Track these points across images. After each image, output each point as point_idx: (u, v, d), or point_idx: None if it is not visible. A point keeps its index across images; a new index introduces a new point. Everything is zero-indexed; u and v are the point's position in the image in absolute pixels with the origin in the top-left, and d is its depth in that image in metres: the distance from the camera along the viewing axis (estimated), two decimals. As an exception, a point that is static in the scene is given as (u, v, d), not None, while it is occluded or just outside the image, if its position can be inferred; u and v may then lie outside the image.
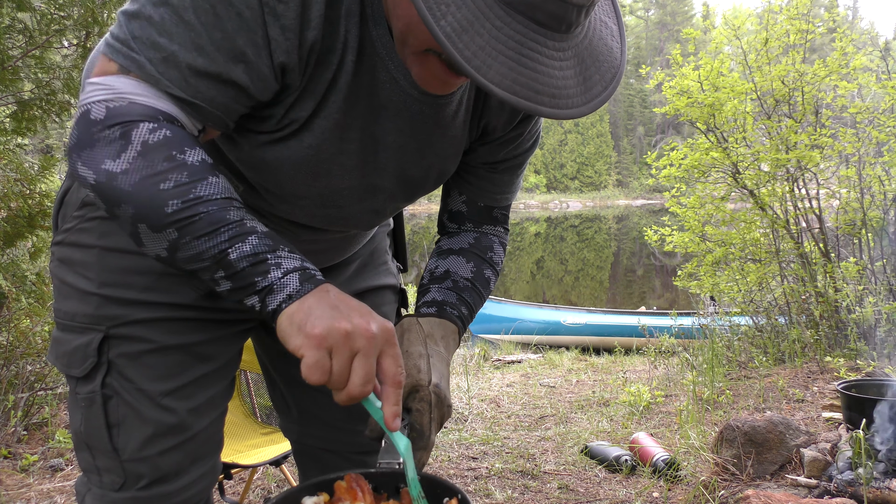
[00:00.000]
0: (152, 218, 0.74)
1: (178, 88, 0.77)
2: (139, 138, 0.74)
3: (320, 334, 0.71)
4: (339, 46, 0.83)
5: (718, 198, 5.06)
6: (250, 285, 0.75)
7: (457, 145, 1.01)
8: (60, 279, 1.03)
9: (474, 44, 0.69)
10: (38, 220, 3.11)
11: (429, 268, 1.13)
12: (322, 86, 0.85)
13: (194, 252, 0.75)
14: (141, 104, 0.76)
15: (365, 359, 0.72)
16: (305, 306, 0.73)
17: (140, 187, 0.74)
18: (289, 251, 0.77)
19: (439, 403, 0.92)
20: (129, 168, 0.74)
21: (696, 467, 2.79)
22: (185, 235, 0.74)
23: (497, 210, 1.15)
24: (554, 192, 55.02)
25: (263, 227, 0.78)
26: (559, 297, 14.53)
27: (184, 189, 0.74)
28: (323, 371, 0.71)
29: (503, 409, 4.35)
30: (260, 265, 0.75)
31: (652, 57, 59.35)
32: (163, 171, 0.74)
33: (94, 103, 0.76)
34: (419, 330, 0.99)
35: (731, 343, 4.76)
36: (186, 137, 0.77)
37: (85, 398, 1.00)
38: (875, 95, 4.62)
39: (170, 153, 0.75)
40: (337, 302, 0.74)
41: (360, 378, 0.72)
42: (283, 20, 0.77)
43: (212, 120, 0.81)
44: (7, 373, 3.16)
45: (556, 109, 0.74)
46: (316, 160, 0.90)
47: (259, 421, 2.64)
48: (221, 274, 0.76)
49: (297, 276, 0.75)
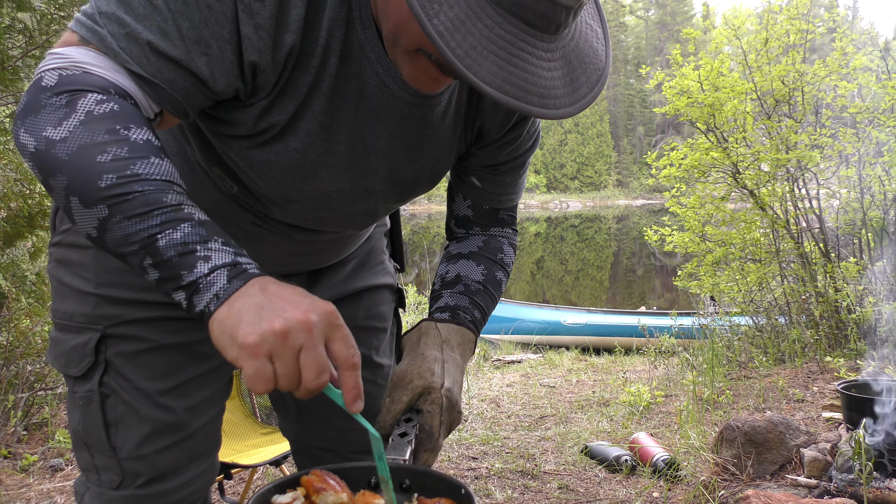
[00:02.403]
0: (84, 191, 0.69)
1: (138, 65, 0.75)
2: (84, 107, 0.71)
3: (254, 343, 0.65)
4: (320, 51, 0.82)
5: (718, 198, 5.06)
6: (176, 278, 0.70)
7: (448, 146, 1.01)
8: (58, 279, 1.03)
9: (466, 43, 0.69)
10: (38, 220, 3.11)
11: (439, 273, 1.13)
12: (302, 89, 0.84)
13: (123, 234, 0.70)
14: (96, 75, 0.74)
15: (311, 351, 0.67)
16: (235, 310, 0.67)
17: (76, 157, 0.69)
18: (222, 243, 0.71)
19: (450, 408, 0.93)
20: (68, 136, 0.70)
21: (696, 467, 2.79)
22: (116, 214, 0.69)
23: (503, 211, 1.15)
24: (554, 192, 55.04)
25: (203, 215, 0.73)
26: (559, 297, 14.53)
27: (121, 164, 0.70)
28: (267, 380, 0.66)
29: (503, 409, 4.35)
30: (188, 256, 0.69)
31: (652, 57, 59.37)
32: (102, 143, 0.70)
33: (48, 71, 0.73)
34: (436, 334, 0.99)
35: (731, 343, 4.76)
36: (136, 115, 0.74)
37: (83, 397, 1.00)
38: (875, 95, 4.61)
39: (113, 126, 0.71)
40: (266, 299, 0.68)
41: (312, 373, 0.67)
42: (258, 19, 0.76)
43: (170, 103, 0.78)
44: (7, 373, 3.16)
45: (544, 109, 0.74)
46: (302, 163, 0.90)
47: (259, 421, 2.64)
48: (149, 261, 0.70)
49: (225, 272, 0.69)
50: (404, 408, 0.92)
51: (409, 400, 0.92)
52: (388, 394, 0.94)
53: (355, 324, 1.23)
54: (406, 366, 0.96)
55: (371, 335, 1.26)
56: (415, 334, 1.01)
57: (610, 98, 60.94)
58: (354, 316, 1.22)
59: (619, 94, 62.32)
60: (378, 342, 1.27)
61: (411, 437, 0.89)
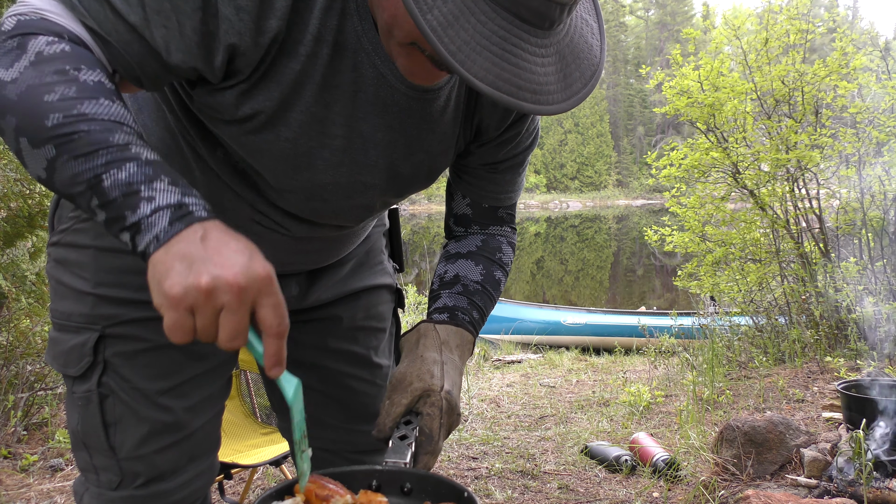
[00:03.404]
0: (32, 130, 0.69)
1: (94, 20, 0.75)
2: (35, 49, 0.71)
3: (177, 294, 0.64)
4: (310, 39, 0.82)
5: (718, 198, 5.06)
6: (120, 218, 0.68)
7: (446, 142, 1.01)
8: (57, 280, 1.03)
9: (459, 38, 0.70)
10: (37, 220, 3.11)
11: (438, 273, 1.13)
12: (288, 76, 0.83)
13: (70, 174, 0.69)
14: (52, 21, 0.74)
15: (231, 314, 0.65)
16: (170, 255, 0.65)
17: (24, 96, 0.69)
18: (169, 182, 0.69)
19: (450, 410, 0.93)
20: (18, 77, 0.70)
21: (696, 467, 2.79)
22: (63, 154, 0.68)
23: (502, 210, 1.15)
24: (554, 192, 55.03)
25: (153, 154, 0.71)
26: (559, 297, 14.53)
27: (68, 104, 0.68)
28: (184, 332, 0.65)
29: (503, 409, 4.35)
30: (132, 197, 0.67)
31: (652, 57, 59.33)
32: (50, 83, 0.69)
33: (9, 17, 0.74)
34: (435, 336, 0.99)
35: (731, 343, 4.75)
36: (88, 58, 0.73)
37: (81, 397, 1.00)
38: (875, 95, 4.61)
39: (63, 67, 0.70)
40: (203, 250, 0.65)
41: (227, 335, 0.65)
42: (240, 1, 0.76)
43: (122, 65, 0.78)
44: (7, 373, 3.16)
45: (537, 105, 0.74)
46: (294, 153, 0.90)
47: (259, 421, 2.64)
48: (96, 202, 0.69)
49: (168, 213, 0.67)
50: (404, 410, 0.92)
51: (408, 403, 0.92)
52: (387, 396, 0.94)
53: (354, 323, 1.23)
54: (405, 368, 0.95)
55: (370, 335, 1.26)
56: (413, 336, 1.01)
57: (610, 98, 60.94)
58: (353, 316, 1.22)
59: (619, 94, 62.32)
60: (377, 342, 1.27)
61: (411, 439, 0.89)
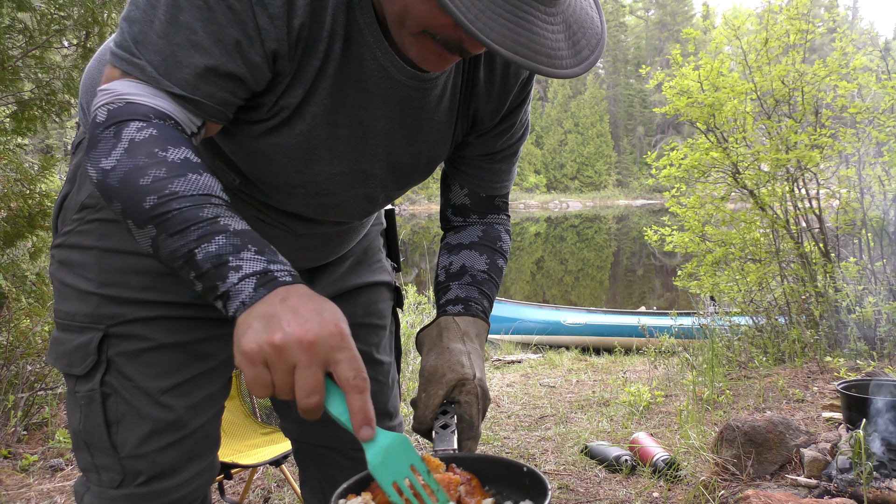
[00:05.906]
0: (134, 213, 0.75)
1: (178, 87, 0.80)
2: (128, 136, 0.77)
3: (251, 350, 0.67)
4: (326, 35, 0.86)
5: (718, 198, 5.06)
6: (213, 288, 0.73)
7: (444, 131, 1.04)
8: (60, 280, 1.04)
9: (475, 7, 0.72)
10: (38, 220, 3.11)
11: (442, 265, 1.15)
12: (310, 73, 0.88)
13: (169, 250, 0.74)
14: (137, 103, 0.79)
15: (305, 371, 0.67)
16: (251, 316, 0.70)
17: (124, 183, 0.75)
18: (256, 251, 0.74)
19: (484, 396, 0.97)
20: (116, 165, 0.76)
21: (696, 467, 2.79)
22: (162, 232, 0.74)
23: (498, 198, 1.19)
24: (554, 192, 55.07)
25: (240, 224, 0.76)
26: (559, 297, 14.53)
27: (160, 185, 0.74)
28: (263, 386, 0.68)
29: (503, 409, 4.35)
30: (222, 268, 0.73)
31: (652, 57, 59.34)
32: (143, 167, 0.75)
33: (99, 108, 0.80)
34: (456, 328, 1.02)
35: (731, 343, 4.75)
36: (174, 136, 0.78)
37: (84, 396, 1.01)
38: (875, 95, 4.61)
39: (152, 150, 0.76)
40: (280, 310, 0.69)
41: (303, 392, 0.67)
42: (271, 9, 0.80)
43: (212, 114, 0.84)
44: (7, 373, 3.16)
45: (553, 69, 0.77)
46: (308, 146, 0.93)
47: (259, 421, 2.64)
48: (193, 274, 0.74)
49: (253, 280, 0.72)
50: (441, 401, 0.95)
51: (444, 393, 0.95)
52: (422, 389, 0.97)
53: (354, 321, 1.23)
54: (435, 360, 0.98)
55: (370, 332, 1.28)
56: (434, 329, 1.04)
57: (610, 98, 60.95)
58: (353, 313, 1.23)
59: (619, 94, 62.33)
60: (378, 339, 1.29)
61: (453, 427, 0.92)
